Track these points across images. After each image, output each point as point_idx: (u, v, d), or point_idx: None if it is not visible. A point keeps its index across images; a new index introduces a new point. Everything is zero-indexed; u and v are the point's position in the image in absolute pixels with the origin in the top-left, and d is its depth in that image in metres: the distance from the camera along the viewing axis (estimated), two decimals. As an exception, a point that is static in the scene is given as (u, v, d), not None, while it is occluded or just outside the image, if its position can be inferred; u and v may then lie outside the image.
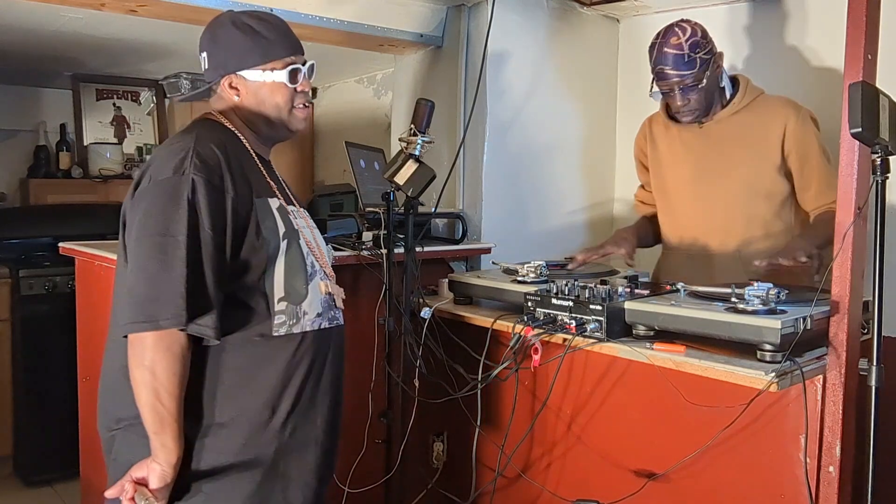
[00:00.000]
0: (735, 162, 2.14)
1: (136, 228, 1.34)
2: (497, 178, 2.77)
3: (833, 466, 1.52)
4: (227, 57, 1.48)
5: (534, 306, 1.86)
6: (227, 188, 1.36)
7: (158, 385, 1.29)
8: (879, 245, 1.42)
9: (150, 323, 1.27)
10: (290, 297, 1.43)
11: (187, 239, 1.30)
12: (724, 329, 1.56)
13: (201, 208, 1.32)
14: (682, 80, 2.05)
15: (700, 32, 2.06)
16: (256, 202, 1.41)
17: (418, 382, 2.04)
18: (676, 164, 2.26)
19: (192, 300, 1.29)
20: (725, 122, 2.16)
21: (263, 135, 1.55)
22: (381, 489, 2.13)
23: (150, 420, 1.30)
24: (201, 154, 1.35)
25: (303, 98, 1.53)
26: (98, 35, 3.07)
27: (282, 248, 1.42)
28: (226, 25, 1.49)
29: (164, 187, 1.33)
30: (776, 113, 2.09)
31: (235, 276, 1.38)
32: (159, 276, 1.29)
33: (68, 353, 2.54)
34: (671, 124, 2.26)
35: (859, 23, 1.48)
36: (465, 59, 2.79)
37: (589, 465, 1.91)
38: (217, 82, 1.50)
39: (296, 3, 2.45)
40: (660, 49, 2.06)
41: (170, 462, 1.32)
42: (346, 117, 4.24)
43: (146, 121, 4.35)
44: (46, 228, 3.57)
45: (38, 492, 3.20)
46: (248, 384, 1.40)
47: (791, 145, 2.08)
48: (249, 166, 1.46)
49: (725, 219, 2.17)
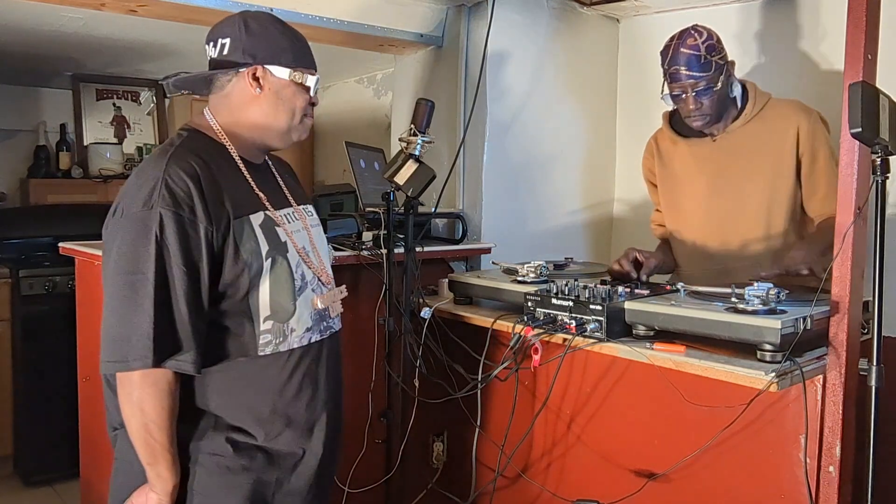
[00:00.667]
0: (752, 174, 2.09)
1: (109, 264, 1.32)
2: (497, 177, 2.77)
3: (833, 466, 1.51)
4: (261, 47, 1.43)
5: (534, 306, 1.86)
6: (198, 218, 1.32)
7: (148, 420, 1.29)
8: (879, 245, 1.42)
9: (122, 363, 1.27)
10: (276, 316, 1.41)
11: (155, 276, 1.28)
12: (724, 329, 1.56)
13: (170, 243, 1.29)
14: (696, 83, 2.00)
15: (716, 38, 2.03)
16: (234, 224, 1.37)
17: (418, 382, 2.04)
18: (691, 180, 2.20)
19: (162, 338, 1.27)
20: (739, 133, 2.11)
21: (258, 144, 1.50)
22: (381, 489, 2.13)
23: (142, 453, 1.31)
24: (169, 185, 1.31)
25: (311, 110, 1.53)
26: (98, 35, 3.08)
27: (265, 267, 1.39)
28: (261, 19, 1.47)
29: (133, 222, 1.30)
30: (788, 118, 2.05)
31: (216, 302, 1.37)
32: (129, 316, 1.27)
33: (68, 353, 2.53)
34: (679, 139, 2.22)
35: (859, 23, 1.48)
36: (465, 59, 2.79)
37: (589, 465, 1.91)
38: (237, 71, 1.44)
39: (296, 3, 2.45)
40: (675, 49, 2.01)
41: (166, 491, 1.33)
42: (346, 117, 4.24)
43: (146, 121, 4.35)
44: (46, 228, 3.58)
45: (38, 492, 3.20)
46: (238, 403, 1.39)
47: (804, 150, 2.04)
48: (233, 181, 1.41)
49: (744, 234, 2.11)
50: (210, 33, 1.48)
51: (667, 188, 2.29)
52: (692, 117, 2.08)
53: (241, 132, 1.47)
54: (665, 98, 2.11)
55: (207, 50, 1.48)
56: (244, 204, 1.41)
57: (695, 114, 2.06)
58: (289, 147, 1.55)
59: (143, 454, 1.31)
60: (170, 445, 1.32)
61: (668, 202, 2.30)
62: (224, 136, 1.46)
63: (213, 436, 1.38)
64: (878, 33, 1.52)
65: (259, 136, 1.49)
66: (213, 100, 1.49)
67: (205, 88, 1.50)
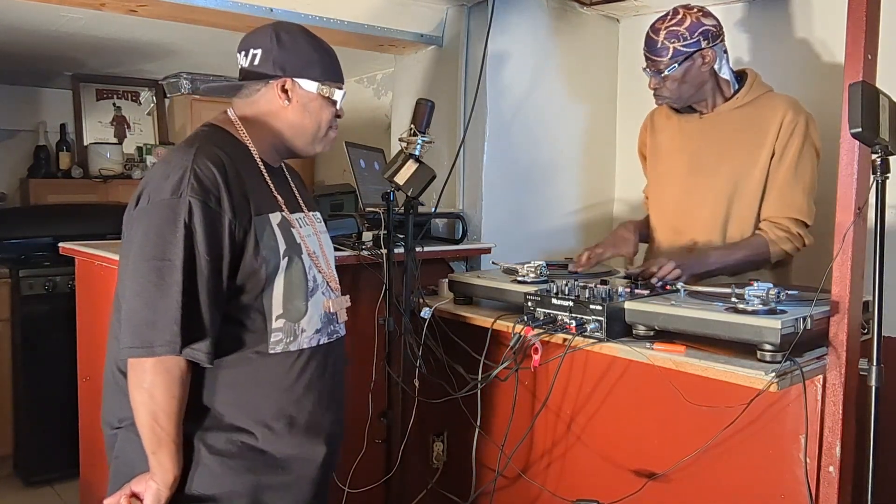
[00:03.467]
0: (729, 155, 2.11)
1: (134, 250, 1.33)
2: (497, 177, 2.77)
3: (833, 466, 1.51)
4: (291, 60, 1.46)
5: (534, 306, 1.86)
6: (224, 210, 1.34)
7: (157, 407, 1.29)
8: (879, 245, 1.42)
9: (146, 349, 1.28)
10: (289, 315, 1.42)
11: (183, 263, 1.29)
12: (724, 329, 1.56)
13: (198, 232, 1.31)
14: (653, 64, 2.07)
15: (689, 23, 2.02)
16: (255, 220, 1.39)
17: (418, 382, 2.04)
18: (674, 154, 2.23)
19: (186, 325, 1.28)
20: (726, 116, 2.13)
21: (279, 149, 1.53)
22: (381, 489, 2.13)
23: (148, 440, 1.31)
24: (198, 174, 1.33)
25: (336, 122, 1.56)
26: (98, 35, 3.08)
27: (281, 265, 1.41)
28: (294, 32, 1.49)
29: (161, 209, 1.31)
30: (776, 110, 2.06)
31: (233, 296, 1.37)
32: (156, 302, 1.28)
33: (68, 353, 2.54)
34: (673, 114, 2.24)
35: (859, 23, 1.48)
36: (465, 58, 2.79)
37: (589, 465, 1.91)
38: (266, 82, 1.47)
39: (296, 3, 2.46)
40: (651, 27, 2.08)
41: (166, 482, 1.33)
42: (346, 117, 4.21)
43: (146, 121, 4.35)
44: (46, 228, 3.57)
45: (38, 492, 3.20)
46: (244, 402, 1.40)
47: (780, 142, 2.04)
48: (254, 180, 1.44)
49: (709, 216, 2.13)
50: (242, 42, 1.51)
51: (653, 160, 2.33)
52: (655, 96, 2.15)
53: (264, 137, 1.50)
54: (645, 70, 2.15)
55: (238, 58, 1.51)
56: (264, 203, 1.43)
57: (655, 93, 2.14)
58: (312, 156, 1.60)
59: (148, 442, 1.31)
60: (176, 435, 1.32)
61: (652, 174, 2.35)
62: (248, 137, 1.48)
63: (217, 435, 1.38)
64: (878, 33, 1.52)
65: (282, 142, 1.52)
66: (240, 104, 1.51)
67: (231, 93, 1.53)
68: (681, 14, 2.04)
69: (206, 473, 1.37)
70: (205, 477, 1.37)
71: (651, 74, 2.10)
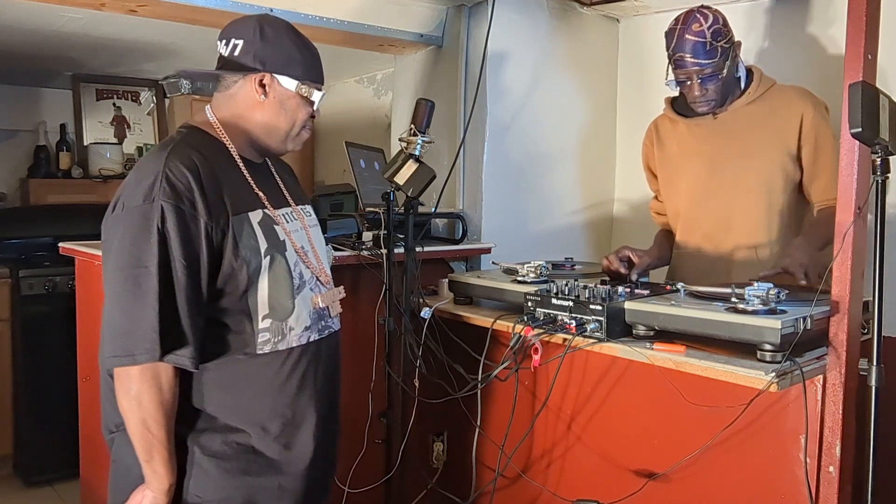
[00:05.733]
0: (752, 151, 2.08)
1: (110, 258, 1.32)
2: (497, 177, 2.77)
3: (833, 466, 1.51)
4: (272, 55, 1.44)
5: (534, 306, 1.86)
6: (198, 212, 1.32)
7: (146, 415, 1.29)
8: (879, 245, 1.42)
9: (127, 357, 1.27)
10: (275, 314, 1.41)
11: (159, 269, 1.28)
12: (724, 329, 1.56)
13: (172, 237, 1.29)
14: (701, 70, 1.98)
15: (721, 20, 1.99)
16: (233, 220, 1.37)
17: (418, 382, 2.04)
18: (689, 159, 2.19)
19: (166, 331, 1.28)
20: (741, 112, 2.10)
21: (255, 146, 1.51)
22: (381, 489, 2.13)
23: (140, 449, 1.31)
24: (170, 178, 1.31)
25: (311, 122, 1.54)
26: (98, 35, 3.08)
27: (264, 265, 1.39)
28: (278, 27, 1.47)
29: (134, 216, 1.30)
30: (793, 103, 2.05)
31: (216, 298, 1.37)
32: (133, 310, 1.28)
33: (68, 353, 2.53)
34: (679, 120, 2.21)
35: (859, 23, 1.48)
36: (465, 59, 2.79)
37: (589, 465, 1.91)
38: (244, 75, 1.45)
39: (296, 3, 2.45)
40: (680, 35, 1.98)
41: (162, 489, 1.32)
42: (346, 117, 4.24)
43: (146, 121, 4.35)
44: (46, 228, 3.57)
45: (38, 492, 3.20)
46: (237, 403, 1.39)
47: (807, 136, 2.03)
48: (232, 179, 1.42)
49: (744, 211, 2.09)
50: (224, 31, 1.48)
51: (665, 171, 2.28)
52: (698, 103, 2.08)
53: (240, 132, 1.48)
54: (670, 84, 2.09)
55: (219, 46, 1.48)
56: (243, 201, 1.41)
57: (700, 100, 2.06)
58: (283, 154, 1.57)
59: (141, 450, 1.31)
60: (167, 442, 1.31)
61: (666, 184, 2.29)
62: (224, 133, 1.46)
63: (211, 437, 1.38)
64: (878, 33, 1.52)
65: (257, 138, 1.49)
66: (217, 98, 1.50)
67: (210, 85, 1.51)
68: (710, 13, 1.99)
69: (202, 477, 1.37)
70: (200, 481, 1.37)
71: (696, 82, 2.01)
